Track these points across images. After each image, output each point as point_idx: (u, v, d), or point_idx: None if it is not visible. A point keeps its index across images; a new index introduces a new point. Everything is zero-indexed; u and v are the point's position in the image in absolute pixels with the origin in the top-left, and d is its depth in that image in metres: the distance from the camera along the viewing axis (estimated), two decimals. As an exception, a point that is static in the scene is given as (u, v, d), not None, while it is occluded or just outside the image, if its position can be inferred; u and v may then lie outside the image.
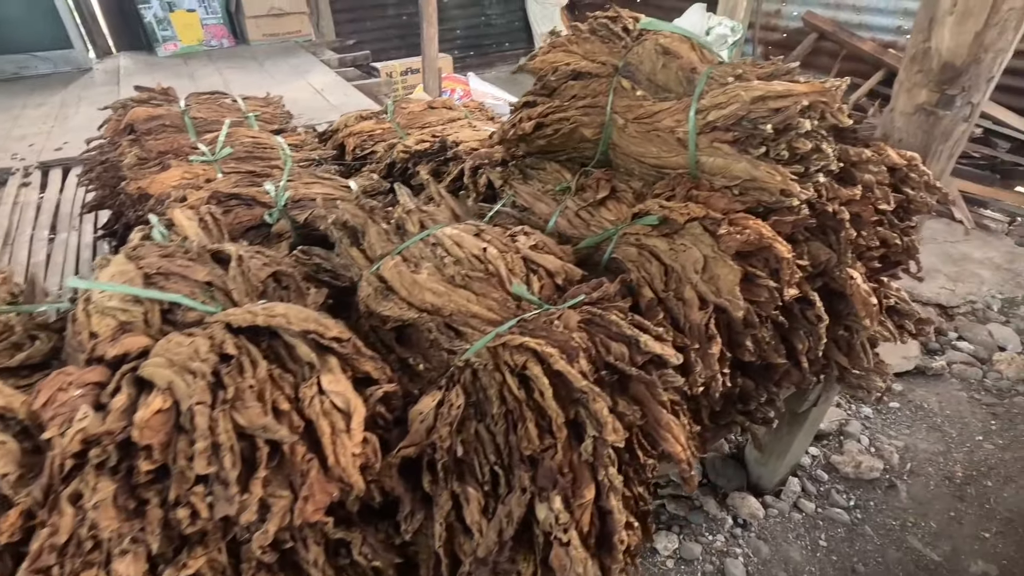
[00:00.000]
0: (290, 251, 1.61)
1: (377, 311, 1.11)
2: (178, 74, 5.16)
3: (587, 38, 1.44)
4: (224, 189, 1.64)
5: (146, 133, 2.14)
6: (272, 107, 2.51)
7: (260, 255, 1.20)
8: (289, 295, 1.14)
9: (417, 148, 2.05)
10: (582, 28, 1.48)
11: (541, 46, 1.53)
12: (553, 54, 1.49)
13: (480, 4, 7.97)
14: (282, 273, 1.16)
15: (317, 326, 0.95)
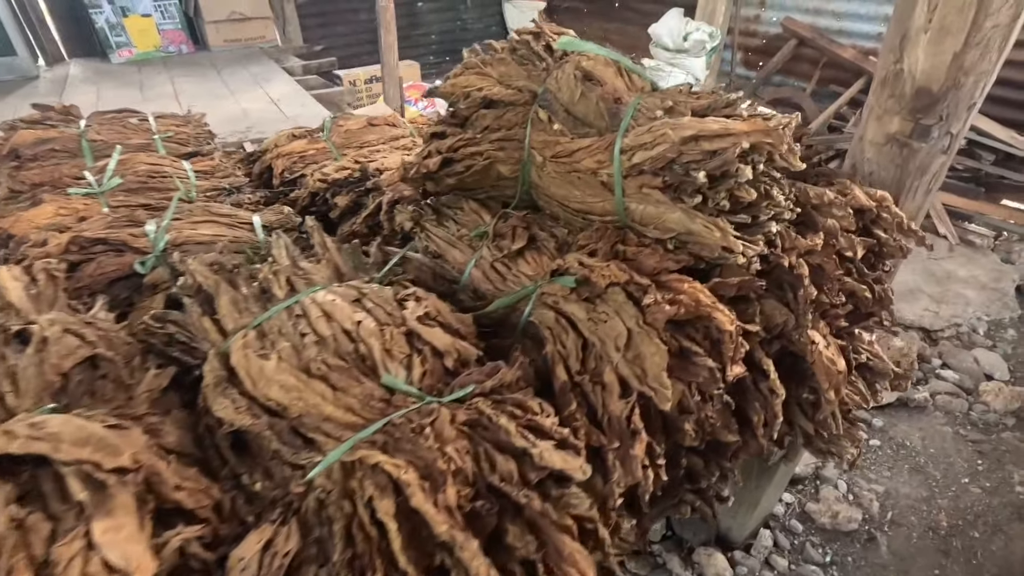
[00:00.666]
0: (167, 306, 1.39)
1: (212, 408, 0.88)
2: (127, 83, 4.90)
3: (503, 59, 1.22)
4: (90, 232, 1.40)
5: (32, 159, 1.90)
6: (190, 126, 2.27)
7: (82, 329, 0.97)
8: (106, 386, 0.91)
9: (336, 176, 1.82)
10: (497, 47, 1.26)
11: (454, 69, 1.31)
12: (465, 77, 1.27)
13: (456, 8, 7.75)
14: (101, 357, 0.93)
15: (96, 452, 0.72)
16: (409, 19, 7.49)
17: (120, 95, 4.57)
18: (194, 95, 4.53)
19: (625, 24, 6.94)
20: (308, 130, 2.49)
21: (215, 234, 1.50)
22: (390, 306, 1.04)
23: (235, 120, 3.99)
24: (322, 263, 1.14)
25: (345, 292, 1.05)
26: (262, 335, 0.98)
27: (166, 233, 1.45)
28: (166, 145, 2.08)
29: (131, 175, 1.76)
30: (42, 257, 1.35)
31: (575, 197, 1.14)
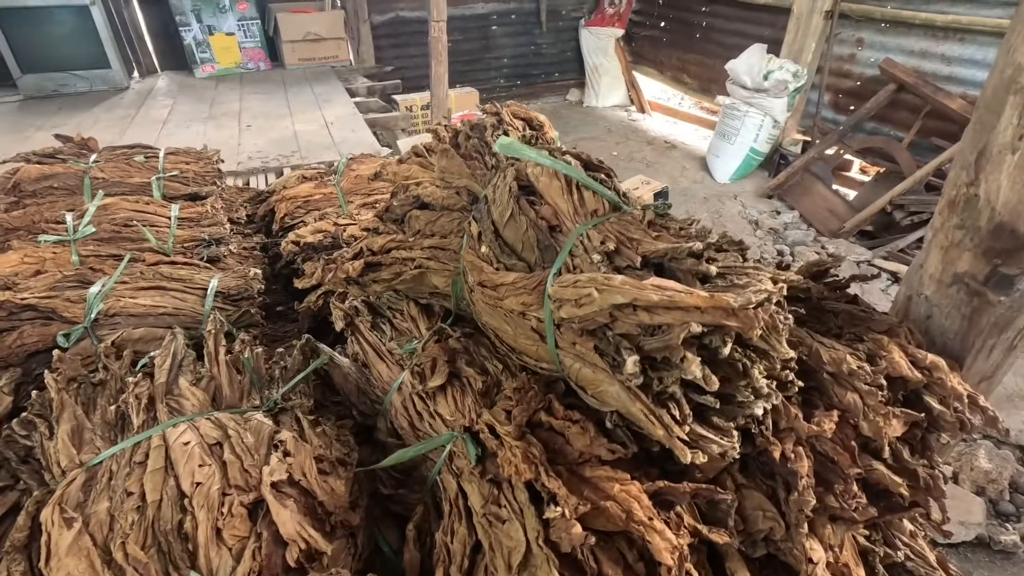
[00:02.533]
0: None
1: (-8, 587, 0.72)
2: (202, 97, 5.13)
3: (446, 151, 1.01)
4: (29, 293, 1.32)
5: (31, 195, 1.90)
6: (200, 163, 2.23)
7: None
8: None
9: (310, 240, 1.67)
10: (442, 134, 1.06)
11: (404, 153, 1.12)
12: (408, 166, 1.07)
13: (530, 32, 7.64)
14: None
15: None
16: (482, 42, 7.47)
17: (192, 109, 4.78)
18: (255, 113, 4.66)
19: (704, 56, 6.53)
20: (320, 171, 2.39)
21: (154, 304, 1.38)
22: (252, 458, 0.85)
23: (285, 142, 4.04)
24: (201, 382, 0.97)
25: (208, 431, 0.87)
26: (90, 481, 0.82)
27: (104, 301, 1.35)
28: (168, 185, 2.03)
29: (107, 222, 1.70)
30: (-29, 320, 1.29)
31: (507, 333, 0.91)
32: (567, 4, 7.59)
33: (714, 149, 5.57)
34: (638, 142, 6.52)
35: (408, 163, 1.07)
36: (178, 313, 1.39)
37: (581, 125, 7.10)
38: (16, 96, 5.11)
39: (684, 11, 6.78)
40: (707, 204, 5.01)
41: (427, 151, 1.06)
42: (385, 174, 1.10)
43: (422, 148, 1.08)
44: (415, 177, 1.05)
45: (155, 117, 4.57)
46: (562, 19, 7.65)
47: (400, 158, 1.10)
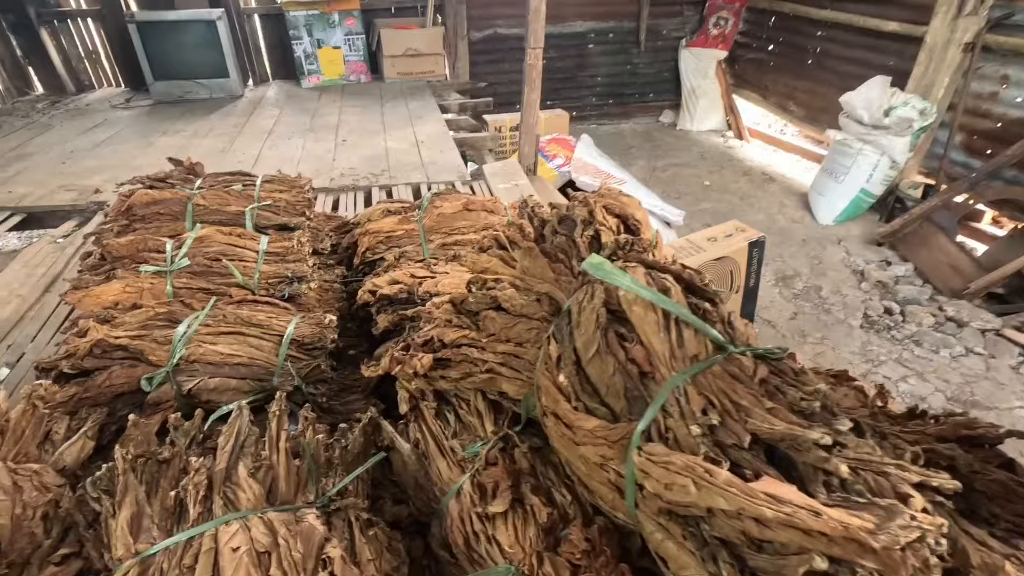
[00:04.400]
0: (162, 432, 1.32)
1: None
2: (304, 108, 5.40)
3: (530, 250, 0.93)
4: (115, 335, 1.38)
5: (142, 220, 2.02)
6: (293, 191, 2.29)
7: None
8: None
9: (386, 291, 1.65)
10: (528, 229, 0.97)
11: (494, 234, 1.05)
12: (489, 258, 1.00)
13: (627, 52, 7.46)
14: None
15: None
16: (577, 60, 7.38)
17: (294, 120, 5.04)
18: (352, 128, 4.83)
19: (816, 84, 6.07)
20: (404, 206, 2.39)
21: (231, 352, 1.40)
22: (301, 573, 0.80)
23: (376, 160, 4.14)
24: (260, 472, 0.94)
25: (259, 535, 0.83)
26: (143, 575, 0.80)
27: (186, 345, 1.38)
28: (260, 214, 2.10)
29: (201, 255, 1.77)
30: (69, 355, 1.36)
31: (581, 471, 0.81)
32: (668, 24, 7.34)
33: (819, 186, 5.15)
34: (733, 172, 6.16)
35: (489, 255, 1.00)
36: (252, 363, 1.40)
37: (673, 150, 6.82)
38: (148, 100, 5.62)
39: (797, 34, 6.34)
40: (806, 248, 4.63)
41: (510, 243, 0.99)
42: (467, 262, 1.03)
43: (505, 239, 1.00)
44: (494, 272, 0.98)
45: (261, 127, 4.85)
46: (662, 39, 7.41)
47: (484, 245, 1.03)
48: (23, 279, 2.63)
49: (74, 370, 1.32)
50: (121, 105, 5.54)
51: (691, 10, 7.31)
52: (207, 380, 1.33)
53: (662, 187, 5.59)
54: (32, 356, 2.19)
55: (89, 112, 5.32)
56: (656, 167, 6.30)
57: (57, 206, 3.34)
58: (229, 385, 1.35)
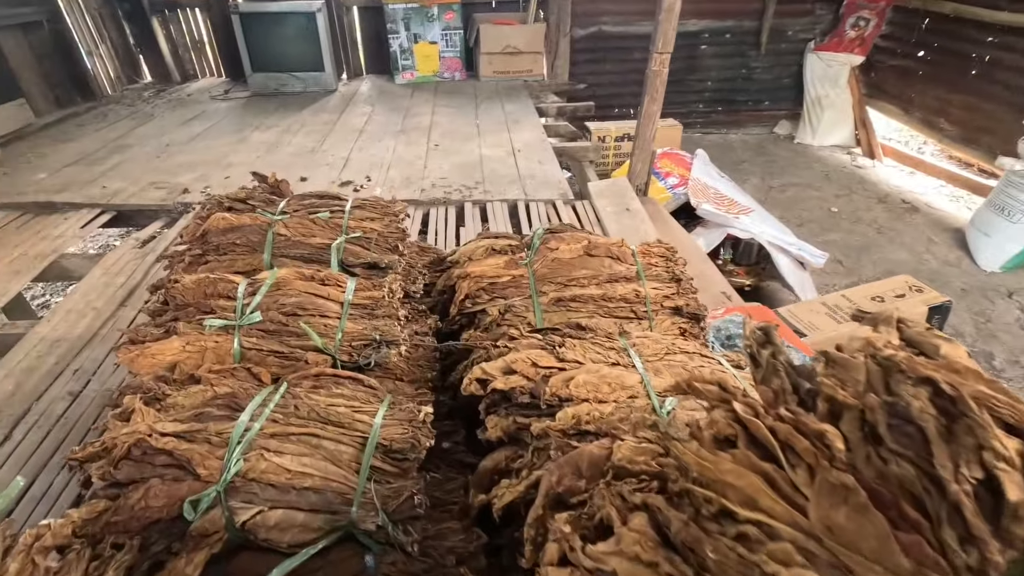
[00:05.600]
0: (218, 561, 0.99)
1: None
2: (396, 107, 5.15)
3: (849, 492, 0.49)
4: (162, 431, 1.06)
5: (216, 249, 1.74)
6: (387, 220, 1.95)
7: None
8: None
9: (499, 385, 1.25)
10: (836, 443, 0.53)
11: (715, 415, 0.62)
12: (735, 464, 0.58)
13: (744, 54, 6.72)
14: None
15: None
16: (687, 62, 6.73)
17: (386, 120, 4.79)
18: (444, 131, 4.52)
19: (981, 100, 5.13)
20: (512, 243, 1.99)
21: (300, 470, 1.05)
22: None
23: (469, 169, 3.80)
24: None
25: None
26: None
27: (245, 455, 1.05)
28: (348, 248, 1.77)
29: (276, 309, 1.45)
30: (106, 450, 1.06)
31: None
32: (796, 24, 6.54)
33: (983, 223, 4.30)
34: (865, 197, 5.35)
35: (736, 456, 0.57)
36: (326, 487, 1.05)
37: (791, 166, 6.06)
38: (245, 92, 5.58)
39: (957, 39, 5.40)
40: (967, 300, 3.84)
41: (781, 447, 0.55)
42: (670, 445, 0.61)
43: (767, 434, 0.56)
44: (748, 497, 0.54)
45: (353, 126, 4.64)
46: (786, 40, 6.62)
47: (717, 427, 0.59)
48: (101, 289, 2.47)
49: (104, 480, 1.01)
50: (219, 96, 5.53)
51: (824, 8, 6.47)
52: (267, 513, 0.99)
53: (779, 211, 4.90)
54: (96, 386, 1.99)
55: (189, 103, 5.34)
56: (772, 187, 5.59)
57: (145, 205, 3.22)
58: (295, 521, 1.00)
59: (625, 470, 0.95)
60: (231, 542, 1.01)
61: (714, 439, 0.61)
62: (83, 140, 4.23)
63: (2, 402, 1.90)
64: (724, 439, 0.61)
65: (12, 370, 2.03)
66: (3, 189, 3.32)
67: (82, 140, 4.23)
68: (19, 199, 3.20)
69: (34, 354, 2.12)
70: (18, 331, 2.25)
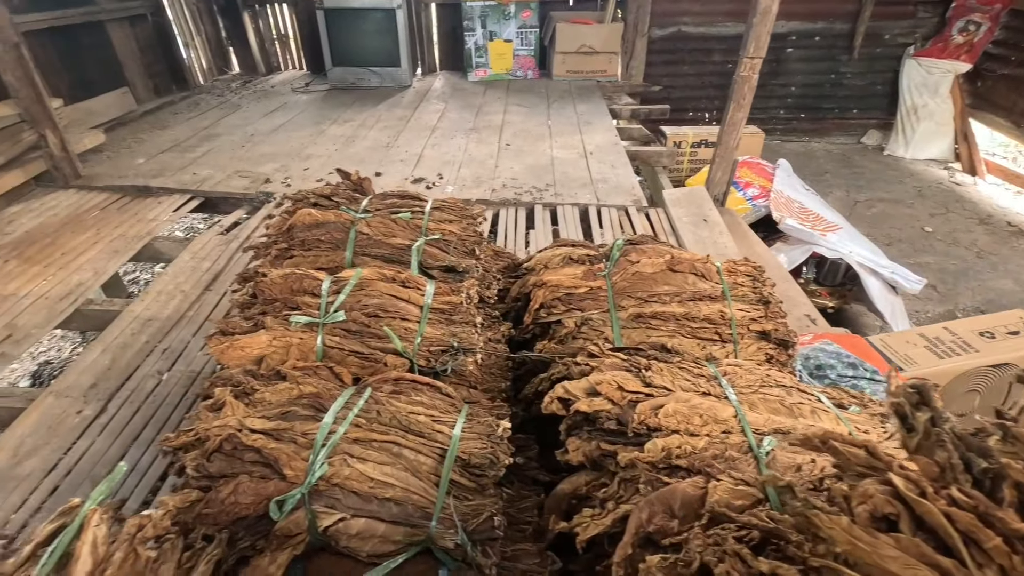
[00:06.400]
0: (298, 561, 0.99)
1: None
2: (469, 104, 5.17)
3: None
4: (251, 427, 1.08)
5: (301, 244, 1.77)
6: (465, 223, 1.94)
7: None
8: None
9: (582, 407, 1.20)
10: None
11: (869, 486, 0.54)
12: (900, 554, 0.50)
13: (835, 58, 6.34)
14: None
15: None
16: (770, 66, 6.39)
17: (458, 117, 4.82)
18: (516, 130, 4.49)
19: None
20: (590, 252, 1.93)
21: (382, 479, 1.04)
22: None
23: (541, 171, 3.75)
24: None
25: None
26: None
27: (329, 458, 1.05)
28: (427, 250, 1.76)
29: (359, 310, 1.45)
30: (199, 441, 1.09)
31: None
32: (895, 27, 6.10)
33: (1105, 255, 3.86)
34: (964, 217, 4.93)
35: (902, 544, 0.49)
36: (407, 499, 1.04)
37: (880, 180, 5.66)
38: (324, 85, 5.76)
39: (1085, 48, 4.88)
40: (1083, 338, 3.45)
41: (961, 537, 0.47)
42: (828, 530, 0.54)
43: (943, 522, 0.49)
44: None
45: (426, 123, 4.69)
46: (882, 45, 6.19)
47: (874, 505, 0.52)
48: (188, 273, 2.60)
49: (198, 472, 1.04)
50: (300, 89, 5.73)
51: (928, 11, 6.00)
52: (350, 521, 0.98)
53: (865, 228, 4.57)
54: (182, 367, 2.08)
55: (272, 94, 5.56)
56: (857, 201, 5.24)
57: (230, 193, 3.37)
58: (376, 531, 0.99)
59: (724, 516, 0.89)
60: (311, 544, 1.01)
61: (871, 517, 0.54)
62: (177, 128, 4.48)
63: (99, 376, 2.03)
64: (881, 517, 0.54)
65: (109, 345, 2.16)
66: (107, 172, 3.56)
67: (176, 128, 4.48)
68: (120, 182, 3.41)
69: (128, 331, 2.24)
70: (115, 308, 2.39)
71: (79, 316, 2.39)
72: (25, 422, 1.83)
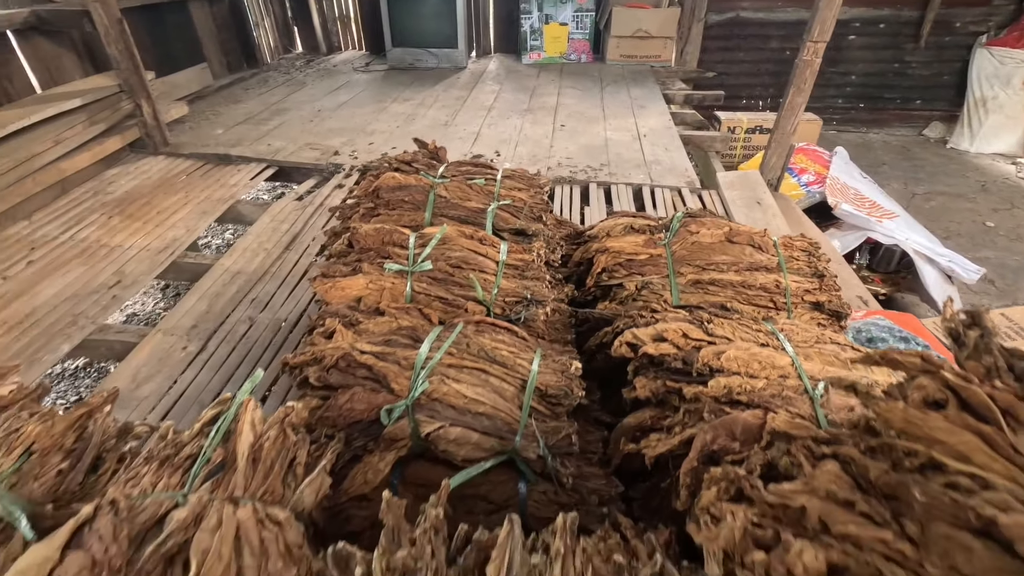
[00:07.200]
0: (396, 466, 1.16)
1: None
2: (523, 86, 5.28)
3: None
4: (367, 346, 1.25)
5: (386, 204, 1.94)
6: (532, 191, 2.08)
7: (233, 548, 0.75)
8: None
9: (649, 349, 1.32)
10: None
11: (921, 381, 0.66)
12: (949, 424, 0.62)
13: (900, 47, 6.15)
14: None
15: None
16: (830, 52, 6.23)
17: (513, 99, 4.94)
18: (570, 112, 4.58)
19: None
20: (650, 223, 2.04)
21: (474, 397, 1.20)
22: None
23: (595, 151, 3.85)
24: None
25: None
26: None
27: (429, 377, 1.21)
28: (498, 214, 1.91)
29: (443, 260, 1.61)
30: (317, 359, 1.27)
31: None
32: (967, 15, 5.87)
33: None
34: (1030, 214, 4.77)
35: (949, 418, 0.61)
36: (495, 415, 1.19)
37: (941, 174, 5.51)
38: (383, 65, 5.96)
39: None
40: None
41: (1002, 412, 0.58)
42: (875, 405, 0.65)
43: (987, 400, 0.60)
44: (963, 455, 0.58)
45: (482, 103, 4.82)
46: (953, 33, 5.97)
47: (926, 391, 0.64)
48: (269, 233, 2.83)
49: (319, 383, 1.22)
50: (361, 68, 5.95)
51: (1004, -1, 5.76)
52: (448, 428, 1.14)
53: (923, 221, 4.49)
54: (268, 315, 2.30)
55: (335, 73, 5.79)
56: (916, 194, 5.12)
57: (302, 163, 3.59)
58: (470, 439, 1.14)
59: (785, 435, 1.00)
60: (413, 449, 1.18)
61: (923, 401, 0.65)
62: (249, 102, 4.75)
63: (198, 319, 2.26)
64: (932, 402, 0.65)
65: (205, 293, 2.40)
66: (191, 140, 3.85)
67: (248, 102, 4.76)
68: (203, 150, 3.68)
69: (220, 282, 2.48)
70: (207, 262, 2.64)
71: (175, 267, 2.65)
72: (139, 354, 2.07)
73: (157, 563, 0.75)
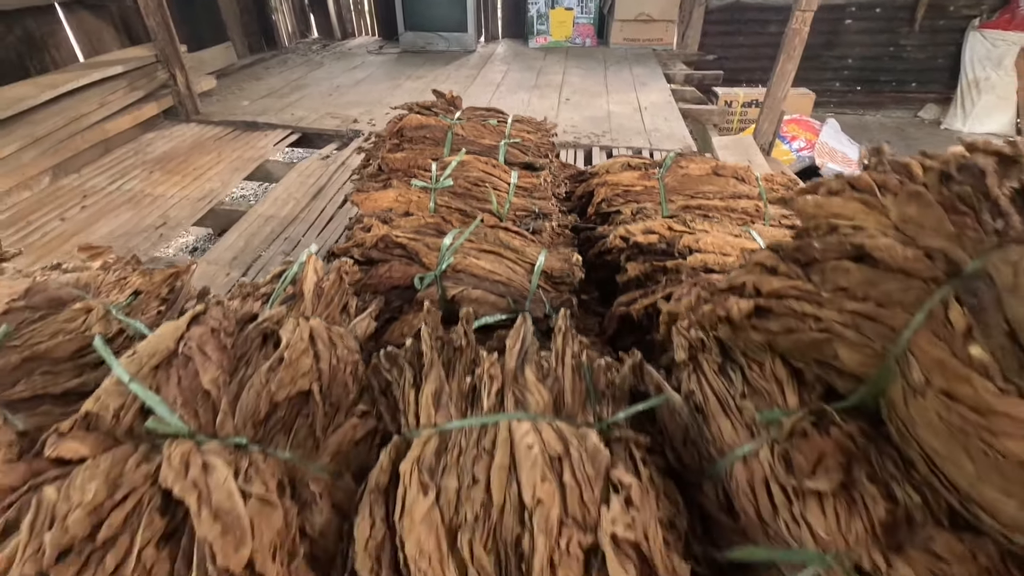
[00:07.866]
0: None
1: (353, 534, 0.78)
2: (529, 67, 5.51)
3: (917, 194, 0.75)
4: (400, 233, 1.50)
5: (410, 141, 2.19)
6: (540, 134, 2.31)
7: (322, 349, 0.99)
8: (303, 428, 0.90)
9: (639, 239, 1.56)
10: (916, 169, 0.79)
11: (827, 181, 0.90)
12: (842, 200, 0.85)
13: (895, 30, 6.35)
14: (315, 393, 0.92)
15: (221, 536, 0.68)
16: (827, 36, 6.48)
17: (521, 77, 5.18)
18: (575, 88, 4.82)
19: None
20: (645, 161, 2.28)
21: (491, 269, 1.44)
22: (591, 491, 0.77)
23: (598, 121, 4.08)
24: (547, 381, 0.92)
25: (550, 440, 0.82)
26: (442, 449, 0.83)
27: (453, 255, 1.45)
28: (510, 150, 2.15)
29: (463, 179, 1.85)
30: (359, 244, 1.51)
31: (962, 472, 0.64)
32: (960, -1, 6.07)
33: None
34: (1017, 186, 4.96)
35: (843, 197, 0.84)
36: (510, 283, 1.43)
37: (933, 151, 5.70)
38: (395, 49, 6.21)
39: None
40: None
41: (878, 187, 0.82)
42: (800, 204, 0.89)
43: (869, 181, 0.83)
44: (850, 218, 0.82)
45: (491, 80, 5.07)
46: (946, 16, 6.17)
47: (830, 187, 0.87)
48: (298, 185, 3.08)
49: (362, 258, 1.46)
50: (375, 52, 6.21)
51: (996, -17, 5.95)
52: (470, 290, 1.38)
53: (913, 192, 4.70)
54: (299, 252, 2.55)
55: (350, 55, 6.05)
56: (907, 169, 5.32)
57: (324, 130, 3.85)
58: (488, 299, 1.38)
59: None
60: (444, 310, 1.42)
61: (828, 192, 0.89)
62: (270, 80, 5.02)
63: (238, 253, 2.52)
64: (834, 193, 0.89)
65: (243, 232, 2.65)
66: (220, 110, 4.11)
67: (269, 80, 5.02)
68: (231, 118, 3.95)
69: (255, 224, 2.73)
70: (242, 209, 2.89)
71: (213, 214, 2.90)
72: (189, 278, 2.32)
73: (258, 334, 1.00)
